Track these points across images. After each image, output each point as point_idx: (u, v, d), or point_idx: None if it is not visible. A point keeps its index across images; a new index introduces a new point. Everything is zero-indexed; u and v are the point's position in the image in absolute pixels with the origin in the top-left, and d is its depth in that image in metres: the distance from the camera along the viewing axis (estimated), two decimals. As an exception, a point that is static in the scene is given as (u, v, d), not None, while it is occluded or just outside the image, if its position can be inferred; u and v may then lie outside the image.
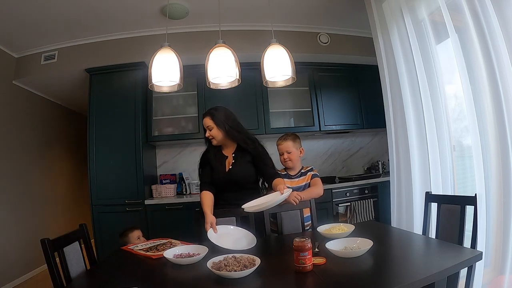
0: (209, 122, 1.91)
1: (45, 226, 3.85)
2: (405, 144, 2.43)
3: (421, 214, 1.98)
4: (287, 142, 2.08)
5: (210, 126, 1.91)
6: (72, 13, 2.79)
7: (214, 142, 1.94)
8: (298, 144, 2.11)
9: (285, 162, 2.10)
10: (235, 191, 1.91)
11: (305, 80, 3.60)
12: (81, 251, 1.47)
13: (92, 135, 3.15)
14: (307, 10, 3.14)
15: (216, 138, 1.93)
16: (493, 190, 1.81)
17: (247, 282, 1.07)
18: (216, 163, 1.95)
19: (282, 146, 2.09)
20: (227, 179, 1.91)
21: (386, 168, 3.83)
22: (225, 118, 1.95)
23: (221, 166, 1.94)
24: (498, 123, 1.73)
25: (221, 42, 1.66)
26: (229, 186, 1.91)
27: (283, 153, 2.09)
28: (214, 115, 1.94)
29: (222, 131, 1.92)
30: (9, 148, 3.31)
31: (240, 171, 1.92)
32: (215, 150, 1.99)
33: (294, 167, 2.11)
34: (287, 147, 2.07)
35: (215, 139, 1.93)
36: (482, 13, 1.72)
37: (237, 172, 1.91)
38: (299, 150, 2.11)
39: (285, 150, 2.07)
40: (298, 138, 2.13)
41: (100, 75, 3.25)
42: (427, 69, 2.24)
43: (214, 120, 1.92)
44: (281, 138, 2.13)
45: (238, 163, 1.93)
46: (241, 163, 1.94)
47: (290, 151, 2.07)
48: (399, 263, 1.26)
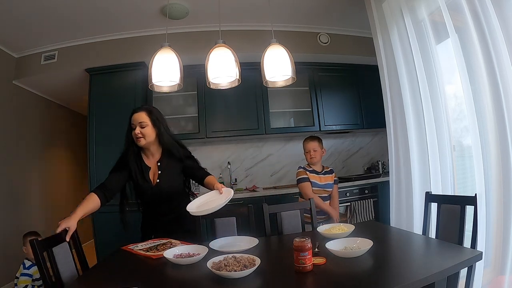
0: (144, 118, 1.69)
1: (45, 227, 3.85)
2: (405, 144, 2.43)
3: (421, 214, 1.98)
4: (315, 142, 2.41)
5: (144, 123, 1.68)
6: (72, 13, 2.79)
7: (142, 142, 1.69)
8: (322, 144, 2.45)
9: (311, 159, 2.40)
10: (165, 202, 1.74)
11: (305, 80, 3.60)
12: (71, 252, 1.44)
13: (92, 135, 3.15)
14: (307, 10, 3.14)
15: (147, 138, 1.69)
16: (493, 190, 1.80)
17: (247, 282, 1.07)
18: (139, 177, 1.72)
19: (310, 144, 2.40)
20: (156, 193, 1.71)
21: (386, 168, 3.83)
22: (161, 118, 1.76)
23: (145, 180, 1.72)
24: (498, 123, 1.73)
25: (221, 42, 1.66)
26: (158, 200, 1.73)
27: (309, 150, 2.39)
28: (152, 112, 1.74)
29: (156, 132, 1.72)
30: (9, 148, 3.31)
31: (169, 183, 1.74)
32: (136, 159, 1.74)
33: (318, 163, 2.43)
34: (314, 146, 2.39)
35: (144, 139, 1.68)
36: (482, 13, 1.72)
37: (166, 185, 1.73)
38: (322, 150, 2.44)
39: (312, 148, 2.39)
40: (321, 140, 2.47)
41: (100, 75, 3.25)
42: (427, 69, 2.24)
43: (150, 117, 1.71)
44: (309, 138, 2.45)
45: (165, 174, 1.73)
46: (168, 173, 1.74)
47: (316, 150, 2.39)
48: (399, 263, 1.25)
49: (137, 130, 1.68)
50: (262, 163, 3.81)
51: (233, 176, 3.69)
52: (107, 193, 1.66)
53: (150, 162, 1.77)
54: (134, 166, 1.74)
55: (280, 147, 3.87)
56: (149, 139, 1.71)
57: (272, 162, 3.83)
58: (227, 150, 3.76)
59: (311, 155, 2.38)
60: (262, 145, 3.83)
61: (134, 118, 1.71)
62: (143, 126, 1.69)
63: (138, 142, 1.70)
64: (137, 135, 1.68)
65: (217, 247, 1.47)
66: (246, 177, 3.76)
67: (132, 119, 1.72)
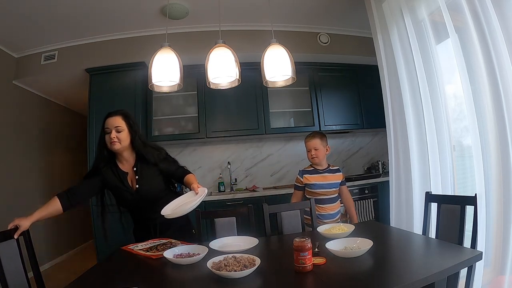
0: (120, 122, 1.64)
1: (45, 227, 3.85)
2: (404, 144, 2.43)
3: (421, 214, 1.98)
4: (315, 140, 2.18)
5: (120, 128, 1.62)
6: (72, 13, 2.79)
7: (117, 146, 1.62)
8: (325, 142, 2.22)
9: (312, 158, 2.20)
10: (150, 206, 1.69)
11: (305, 80, 3.60)
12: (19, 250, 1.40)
13: (92, 135, 3.15)
14: (307, 10, 3.14)
15: (122, 143, 1.63)
16: (493, 190, 1.80)
17: (247, 282, 1.07)
18: (117, 184, 1.66)
19: (310, 143, 2.19)
20: (137, 199, 1.67)
21: (386, 168, 3.83)
22: (136, 122, 1.72)
23: (124, 186, 1.66)
24: (498, 123, 1.73)
25: (221, 42, 1.66)
26: (141, 205, 1.69)
27: (310, 149, 2.19)
28: (128, 116, 1.68)
29: (130, 137, 1.66)
30: (9, 148, 3.31)
31: (149, 187, 1.69)
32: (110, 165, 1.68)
33: (321, 163, 2.22)
34: (314, 144, 2.18)
35: (120, 144, 1.62)
36: (482, 13, 1.72)
37: (146, 190, 1.68)
38: (326, 148, 2.22)
39: (312, 146, 2.18)
40: (325, 137, 2.24)
41: (100, 75, 3.25)
42: (427, 69, 2.24)
43: (127, 121, 1.66)
44: (309, 135, 2.24)
45: (144, 178, 1.68)
46: (147, 177, 1.69)
47: (317, 148, 2.18)
48: (399, 263, 1.25)
49: (113, 134, 1.61)
50: (262, 163, 3.81)
51: (233, 176, 3.69)
52: (72, 198, 1.61)
53: (126, 168, 1.70)
54: (109, 173, 1.67)
55: (280, 147, 3.87)
56: (124, 143, 1.65)
57: (272, 162, 3.83)
58: (227, 150, 3.77)
59: (312, 154, 2.18)
60: (262, 145, 3.83)
61: (110, 122, 1.64)
62: (119, 130, 1.63)
63: (112, 146, 1.62)
64: (112, 139, 1.61)
65: (217, 247, 1.47)
66: (246, 177, 3.77)
67: (106, 123, 1.65)
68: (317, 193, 2.16)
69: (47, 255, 3.76)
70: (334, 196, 2.20)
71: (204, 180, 3.67)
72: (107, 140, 1.63)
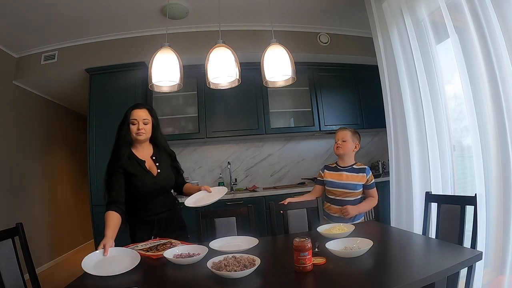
0: (147, 115, 1.75)
1: (45, 227, 3.85)
2: (405, 144, 2.43)
3: (421, 214, 1.98)
4: (346, 132, 2.08)
5: (147, 120, 1.74)
6: (72, 13, 2.79)
7: (143, 137, 1.74)
8: (356, 138, 2.09)
9: (337, 148, 2.07)
10: (162, 196, 1.78)
11: (305, 80, 3.60)
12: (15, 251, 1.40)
13: (92, 135, 3.15)
14: (307, 10, 3.14)
15: (147, 134, 1.76)
16: (493, 190, 1.81)
17: (247, 282, 1.07)
18: (138, 170, 1.72)
19: (340, 133, 2.09)
20: (157, 183, 1.75)
21: (386, 168, 3.83)
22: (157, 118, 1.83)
23: (146, 172, 1.74)
24: (498, 123, 1.73)
25: (221, 42, 1.66)
26: (157, 192, 1.76)
27: (338, 140, 2.08)
28: (152, 110, 1.79)
29: (153, 130, 1.79)
30: (9, 148, 3.31)
31: (167, 174, 1.82)
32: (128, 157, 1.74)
33: (344, 157, 2.07)
34: (344, 135, 2.07)
35: (145, 135, 1.75)
36: (482, 13, 1.72)
37: (165, 176, 1.79)
38: (355, 144, 2.08)
39: (341, 137, 2.07)
40: (358, 134, 2.12)
41: (100, 75, 3.25)
42: (427, 69, 2.24)
43: (152, 115, 1.78)
44: (341, 128, 2.15)
45: (162, 166, 1.80)
46: (165, 165, 1.82)
47: (345, 140, 2.05)
48: (399, 263, 1.25)
49: (140, 126, 1.72)
50: (262, 163, 3.81)
51: (233, 176, 3.69)
52: (122, 206, 1.66)
53: (142, 156, 1.78)
54: (127, 162, 1.72)
55: (280, 147, 3.87)
56: (148, 135, 1.77)
57: (272, 162, 3.83)
58: (227, 150, 3.77)
59: (338, 145, 2.05)
60: (262, 145, 3.83)
61: (138, 114, 1.74)
62: (146, 123, 1.74)
63: (138, 137, 1.73)
64: (140, 130, 1.72)
65: (217, 247, 1.47)
66: (246, 177, 3.76)
67: (133, 115, 1.74)
68: (330, 192, 2.05)
69: (47, 255, 3.76)
70: (351, 199, 2.00)
71: (204, 180, 3.67)
72: (133, 130, 1.73)
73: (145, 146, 1.81)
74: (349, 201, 2.00)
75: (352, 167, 2.05)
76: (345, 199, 2.00)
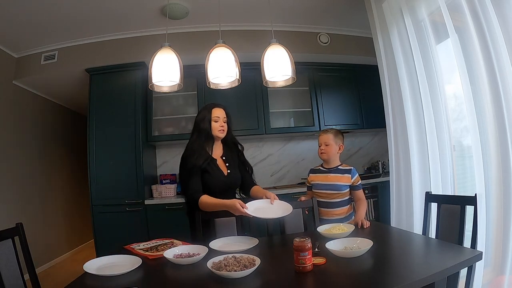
0: (225, 114, 1.88)
1: (45, 227, 3.85)
2: (405, 144, 2.43)
3: (421, 214, 1.98)
4: (328, 135, 2.05)
5: (225, 119, 1.87)
6: (72, 13, 2.79)
7: (223, 135, 1.86)
8: (339, 139, 2.06)
9: (321, 154, 2.06)
10: (227, 194, 1.83)
11: (305, 80, 3.60)
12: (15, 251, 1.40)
13: (92, 135, 3.15)
14: (307, 10, 3.14)
15: (225, 132, 1.87)
16: (493, 190, 1.81)
17: (247, 282, 1.07)
18: (212, 168, 1.81)
19: (322, 137, 2.06)
20: (227, 183, 1.84)
21: (386, 168, 3.83)
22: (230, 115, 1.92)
23: (218, 170, 1.83)
24: (498, 123, 1.73)
25: (221, 42, 1.66)
26: (225, 191, 1.83)
27: (321, 144, 2.05)
28: (227, 108, 1.91)
29: (228, 129, 1.89)
30: (9, 148, 3.31)
31: (236, 174, 1.91)
32: (204, 152, 1.81)
33: (329, 160, 2.06)
34: (326, 139, 2.04)
35: (225, 133, 1.87)
36: (482, 13, 1.72)
37: (234, 176, 1.88)
38: (338, 146, 2.05)
39: (323, 141, 2.04)
40: (340, 134, 2.09)
41: (100, 75, 3.25)
42: (427, 69, 2.24)
43: (228, 114, 1.89)
44: (323, 130, 2.11)
45: (232, 166, 1.89)
46: (233, 166, 1.91)
47: (328, 144, 2.02)
48: (399, 263, 1.26)
49: (221, 124, 1.84)
50: (262, 163, 3.81)
51: (233, 176, 3.69)
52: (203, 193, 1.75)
53: (215, 155, 1.88)
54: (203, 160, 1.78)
55: (280, 147, 3.87)
56: (225, 133, 1.87)
57: (272, 162, 3.83)
58: (227, 150, 3.76)
59: (322, 150, 2.03)
60: (262, 145, 3.83)
61: (219, 113, 1.85)
62: (225, 121, 1.87)
63: (219, 134, 1.84)
64: (221, 127, 1.83)
65: (217, 247, 1.47)
66: (246, 177, 3.76)
67: (215, 112, 1.85)
68: (317, 194, 2.03)
69: (47, 255, 3.76)
70: (338, 201, 1.98)
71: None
72: (215, 127, 1.83)
73: (218, 144, 1.90)
74: (336, 202, 1.98)
75: (338, 168, 2.04)
76: (332, 200, 1.98)
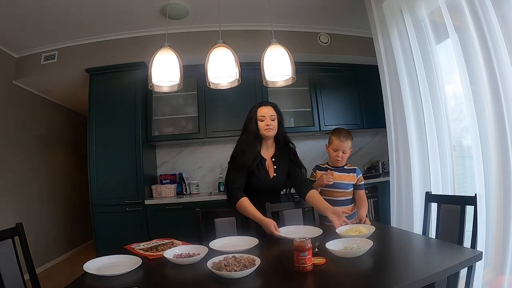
0: (273, 112, 1.82)
1: (45, 227, 3.85)
2: (405, 144, 2.43)
3: (421, 214, 1.97)
4: (348, 142, 2.03)
5: (273, 117, 1.81)
6: (72, 13, 2.79)
7: (272, 133, 1.81)
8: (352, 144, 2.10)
9: (336, 160, 2.04)
10: (269, 196, 1.85)
11: (305, 80, 3.60)
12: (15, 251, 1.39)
13: (92, 135, 3.15)
14: (307, 10, 3.14)
15: (274, 130, 1.81)
16: (493, 190, 1.80)
17: (247, 282, 1.07)
18: (259, 169, 1.79)
19: (342, 144, 2.01)
20: (271, 186, 1.83)
21: (386, 168, 3.83)
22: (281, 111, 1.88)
23: (265, 172, 1.82)
24: (498, 123, 1.73)
25: (221, 42, 1.66)
26: (268, 193, 1.84)
27: (338, 150, 2.02)
28: (277, 107, 1.86)
29: (279, 126, 1.84)
30: (9, 148, 3.31)
31: (282, 178, 1.87)
32: (253, 152, 1.79)
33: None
34: (345, 147, 2.02)
35: (273, 131, 1.81)
36: (482, 13, 1.72)
37: (280, 180, 1.86)
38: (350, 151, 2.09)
39: (343, 148, 2.02)
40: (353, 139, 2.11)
41: (100, 75, 3.26)
42: (427, 69, 2.24)
43: (277, 112, 1.85)
44: (342, 135, 2.03)
45: (279, 169, 1.85)
46: (281, 169, 1.86)
47: (346, 152, 2.04)
48: (399, 263, 1.26)
49: (269, 122, 1.79)
50: (262, 163, 3.80)
51: (233, 176, 3.68)
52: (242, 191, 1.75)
53: (265, 155, 1.85)
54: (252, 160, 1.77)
55: (280, 147, 3.86)
56: (275, 131, 1.82)
57: (272, 162, 3.82)
58: (227, 150, 3.72)
59: (339, 157, 2.01)
60: (262, 145, 3.83)
61: (265, 111, 1.81)
62: (273, 119, 1.81)
63: (267, 132, 1.79)
64: (268, 126, 1.78)
65: (217, 247, 1.47)
66: (246, 177, 3.76)
67: (260, 111, 1.82)
68: (322, 192, 2.03)
69: (47, 255, 3.75)
70: (343, 199, 2.01)
71: (204, 180, 3.67)
72: (262, 127, 1.79)
73: (269, 144, 1.87)
74: (341, 200, 2.01)
75: (343, 168, 2.08)
76: (337, 199, 2.01)
